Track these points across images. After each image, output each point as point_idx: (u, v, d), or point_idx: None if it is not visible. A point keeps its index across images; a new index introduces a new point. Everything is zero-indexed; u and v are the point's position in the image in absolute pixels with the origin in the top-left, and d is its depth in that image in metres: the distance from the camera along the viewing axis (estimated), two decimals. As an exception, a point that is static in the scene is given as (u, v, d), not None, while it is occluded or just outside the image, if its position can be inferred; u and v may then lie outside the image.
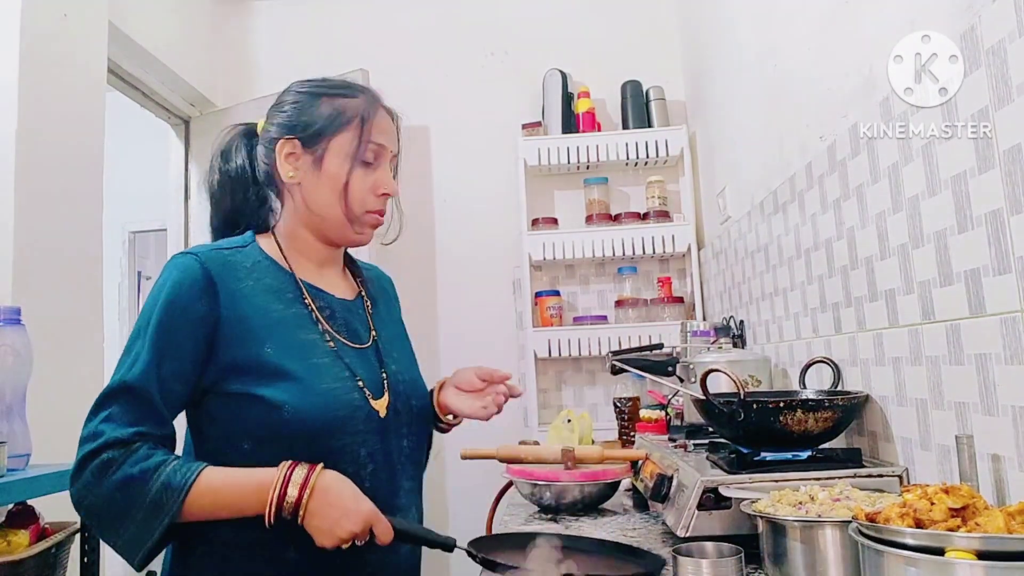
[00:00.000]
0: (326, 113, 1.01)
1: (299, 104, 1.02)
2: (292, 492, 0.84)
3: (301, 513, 0.84)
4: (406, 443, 1.04)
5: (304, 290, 1.01)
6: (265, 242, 1.03)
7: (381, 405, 1.00)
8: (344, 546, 0.85)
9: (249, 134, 1.07)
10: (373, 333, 1.08)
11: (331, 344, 0.99)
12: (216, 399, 0.92)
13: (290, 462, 0.87)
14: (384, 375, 1.04)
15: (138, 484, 0.82)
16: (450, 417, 1.16)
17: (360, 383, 0.98)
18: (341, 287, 1.09)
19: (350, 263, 1.15)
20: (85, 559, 1.29)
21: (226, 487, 0.85)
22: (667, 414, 1.76)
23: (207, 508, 0.84)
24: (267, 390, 0.90)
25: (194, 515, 0.84)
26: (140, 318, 0.91)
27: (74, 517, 1.27)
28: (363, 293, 1.13)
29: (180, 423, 0.93)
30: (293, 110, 1.02)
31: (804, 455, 1.13)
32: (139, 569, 0.85)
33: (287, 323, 0.96)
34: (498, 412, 1.16)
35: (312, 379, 0.93)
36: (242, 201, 1.04)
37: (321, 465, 0.87)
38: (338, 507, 0.85)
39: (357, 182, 1.00)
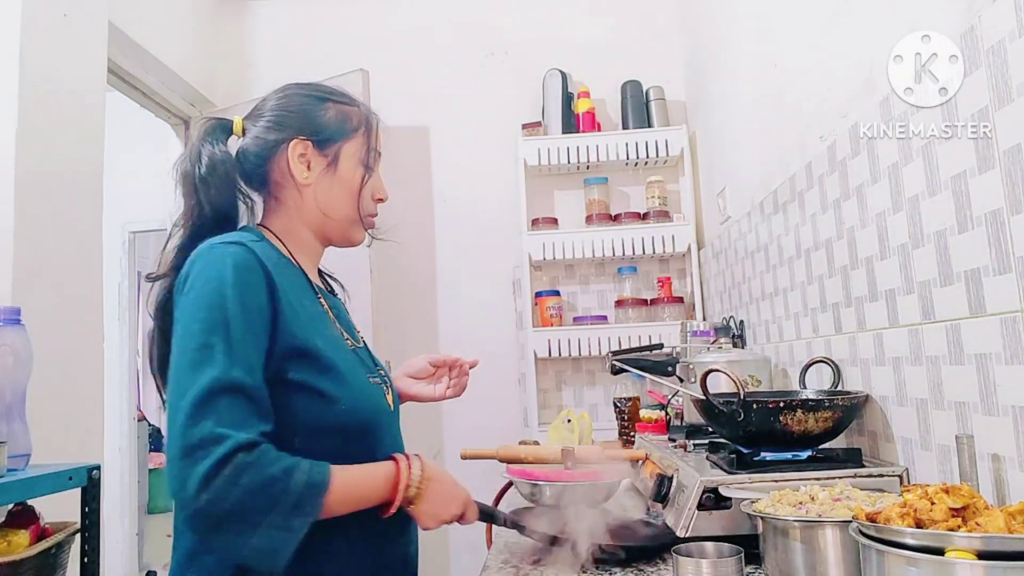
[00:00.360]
0: (335, 119, 1.04)
1: (306, 107, 1.03)
2: (414, 483, 0.91)
3: (415, 501, 0.91)
4: (400, 435, 1.09)
5: (315, 289, 1.02)
6: (270, 239, 1.01)
7: (390, 399, 1.05)
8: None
9: (226, 129, 1.05)
10: (360, 332, 1.10)
11: (348, 342, 1.01)
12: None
13: (399, 454, 0.93)
14: (382, 372, 1.07)
15: (280, 485, 0.80)
16: None
17: (376, 379, 1.02)
18: (323, 287, 1.10)
19: None
20: (85, 559, 1.29)
21: (357, 482, 0.88)
22: (667, 414, 1.76)
23: (338, 504, 0.85)
24: (323, 383, 0.91)
25: (327, 512, 0.84)
26: (206, 312, 0.84)
27: (74, 517, 1.27)
28: (336, 294, 1.15)
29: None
30: (301, 112, 1.03)
31: (804, 455, 1.13)
32: (280, 571, 0.82)
33: (319, 319, 0.96)
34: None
35: (352, 374, 0.96)
36: (232, 195, 1.01)
37: (420, 454, 0.95)
38: (444, 493, 0.94)
39: (366, 186, 1.05)
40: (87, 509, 1.29)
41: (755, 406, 1.11)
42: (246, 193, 1.04)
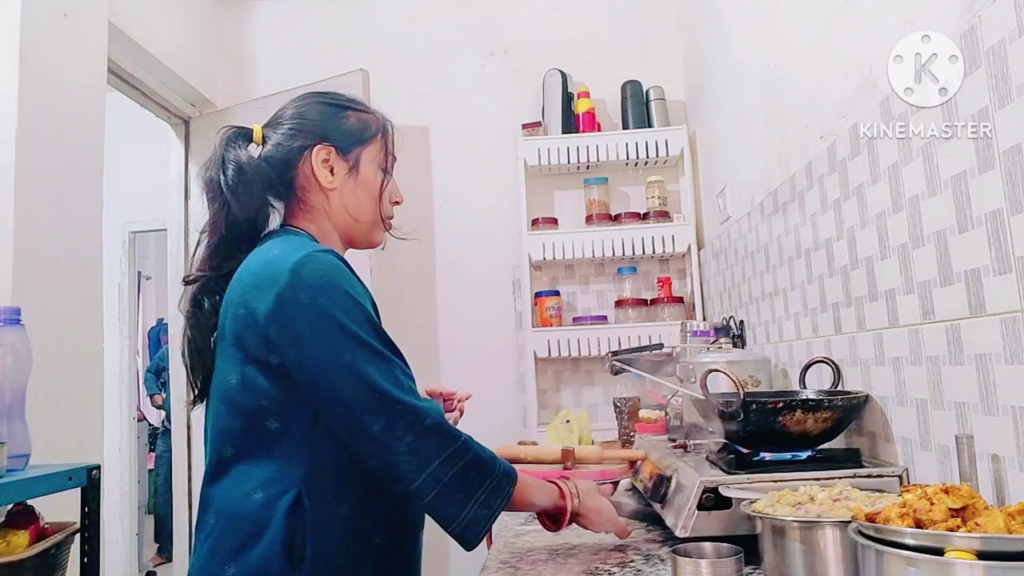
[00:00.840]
0: (355, 125, 1.08)
1: (327, 114, 1.08)
2: (574, 501, 1.04)
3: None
4: None
5: None
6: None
7: None
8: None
9: (246, 136, 1.07)
10: None
11: None
12: None
13: (550, 477, 1.06)
14: None
15: (490, 466, 0.94)
16: None
17: None
18: None
19: None
20: (85, 559, 1.29)
21: (533, 487, 1.01)
22: (667, 414, 1.76)
23: (517, 499, 0.97)
24: None
25: (510, 504, 0.96)
26: (344, 315, 0.91)
27: (74, 517, 1.27)
28: None
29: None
30: (323, 119, 1.07)
31: (804, 455, 1.13)
32: (473, 547, 0.93)
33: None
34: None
35: None
36: (260, 199, 1.04)
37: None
38: (597, 510, 1.07)
39: (385, 190, 1.10)
40: (87, 509, 1.29)
41: (755, 406, 1.11)
42: (270, 198, 1.06)
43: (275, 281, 0.91)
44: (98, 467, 1.32)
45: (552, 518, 1.07)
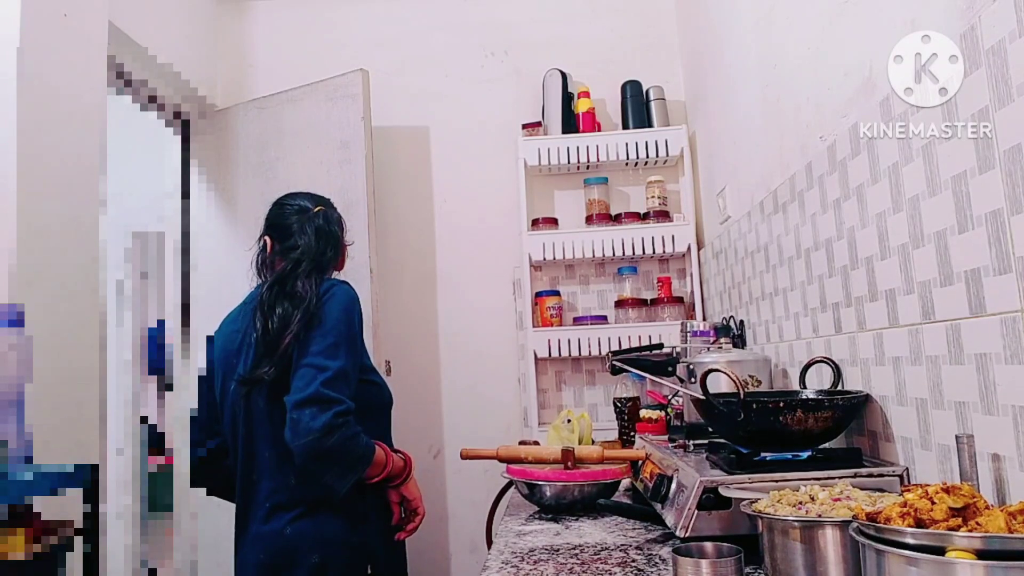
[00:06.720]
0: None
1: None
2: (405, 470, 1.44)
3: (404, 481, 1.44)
4: None
5: None
6: None
7: None
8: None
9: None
10: None
11: None
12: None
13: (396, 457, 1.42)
14: None
15: (361, 441, 1.27)
16: None
17: None
18: None
19: None
20: (85, 559, 1.29)
21: (382, 458, 1.36)
22: (667, 414, 1.76)
23: (374, 467, 1.33)
24: (374, 376, 1.44)
25: (369, 468, 1.31)
26: (340, 327, 1.32)
27: (73, 516, 1.27)
28: None
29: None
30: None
31: (804, 455, 1.13)
32: (342, 493, 1.27)
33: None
34: None
35: (378, 372, 1.49)
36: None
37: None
38: (415, 484, 1.47)
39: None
40: (87, 509, 1.29)
41: (755, 406, 1.11)
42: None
43: (320, 296, 1.43)
44: (98, 467, 1.32)
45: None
